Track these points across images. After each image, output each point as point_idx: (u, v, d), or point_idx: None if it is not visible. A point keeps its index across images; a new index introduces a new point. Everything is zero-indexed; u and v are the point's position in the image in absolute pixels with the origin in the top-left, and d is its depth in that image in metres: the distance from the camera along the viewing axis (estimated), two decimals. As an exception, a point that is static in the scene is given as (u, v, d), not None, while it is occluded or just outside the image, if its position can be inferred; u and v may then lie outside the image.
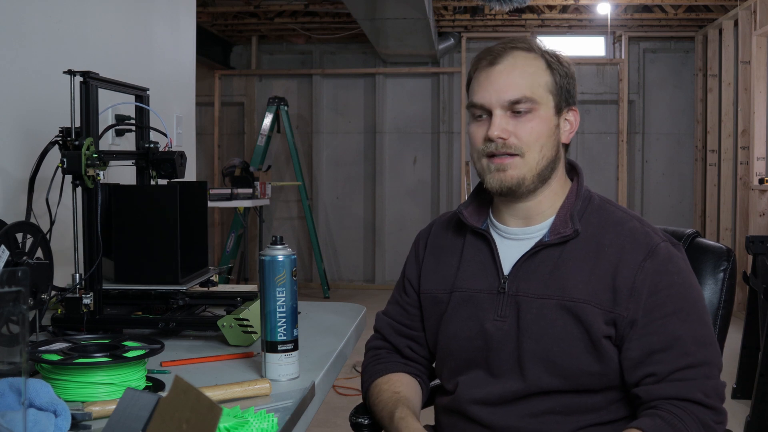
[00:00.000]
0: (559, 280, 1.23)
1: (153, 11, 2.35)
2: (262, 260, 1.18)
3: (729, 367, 1.53)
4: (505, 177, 1.26)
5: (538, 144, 1.25)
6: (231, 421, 0.93)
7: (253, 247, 7.06)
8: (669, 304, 1.19)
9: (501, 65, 1.26)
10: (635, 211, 1.34)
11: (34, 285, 1.25)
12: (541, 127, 1.26)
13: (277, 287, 1.17)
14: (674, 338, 1.17)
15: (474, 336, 1.29)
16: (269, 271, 1.17)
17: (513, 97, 1.24)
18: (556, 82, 1.28)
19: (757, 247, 3.50)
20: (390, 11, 5.17)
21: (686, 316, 1.19)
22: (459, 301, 1.32)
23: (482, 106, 1.27)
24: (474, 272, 1.32)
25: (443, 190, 7.21)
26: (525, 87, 1.25)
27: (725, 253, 1.41)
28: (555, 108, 1.27)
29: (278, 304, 1.17)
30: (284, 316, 1.18)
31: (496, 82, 1.25)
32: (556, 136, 1.28)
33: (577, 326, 1.21)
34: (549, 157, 1.27)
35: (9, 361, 0.80)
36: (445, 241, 1.39)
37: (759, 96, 5.43)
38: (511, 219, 1.32)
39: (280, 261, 1.17)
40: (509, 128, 1.25)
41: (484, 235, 1.33)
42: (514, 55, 1.27)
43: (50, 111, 1.63)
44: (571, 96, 1.30)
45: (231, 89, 7.42)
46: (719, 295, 1.40)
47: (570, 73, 1.30)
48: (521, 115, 1.25)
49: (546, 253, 1.26)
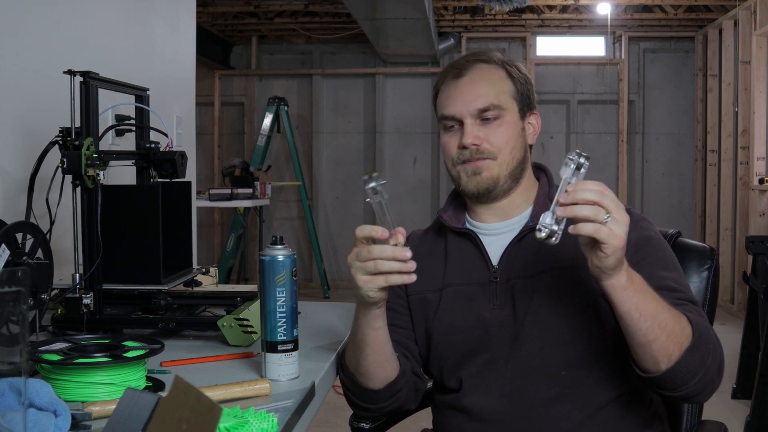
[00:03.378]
0: (546, 256, 1.29)
1: (153, 11, 2.35)
2: (262, 260, 1.18)
3: (729, 367, 1.52)
4: (481, 179, 1.34)
5: (508, 146, 1.34)
6: (231, 421, 0.93)
7: (253, 247, 7.06)
8: (653, 254, 1.26)
9: (467, 77, 1.35)
10: None
11: (34, 285, 1.25)
12: (510, 131, 1.34)
13: (277, 287, 1.17)
14: (662, 279, 1.22)
15: (472, 326, 1.32)
16: (269, 271, 1.17)
17: (481, 106, 1.33)
18: (517, 89, 1.36)
19: (757, 247, 3.50)
20: (390, 11, 5.16)
21: (668, 266, 1.26)
22: (452, 296, 1.35)
23: (453, 117, 1.35)
24: (463, 267, 1.36)
25: (443, 190, 7.20)
26: (491, 95, 1.33)
27: (708, 251, 1.47)
28: (519, 113, 1.36)
29: (278, 304, 1.17)
30: (284, 316, 1.18)
31: (464, 93, 1.34)
32: (523, 139, 1.37)
33: (572, 292, 1.26)
34: (518, 158, 1.35)
35: (9, 361, 0.80)
36: (426, 247, 1.42)
37: (759, 96, 5.43)
38: (489, 217, 1.39)
39: (280, 261, 1.18)
40: (480, 135, 1.33)
41: (466, 233, 1.38)
42: (478, 66, 1.37)
43: (50, 111, 1.63)
44: (531, 101, 1.39)
45: (231, 89, 7.42)
46: (704, 293, 1.45)
47: (528, 80, 1.39)
48: (490, 122, 1.33)
49: (531, 237, 1.29)
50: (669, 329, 1.11)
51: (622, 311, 1.11)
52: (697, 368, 1.13)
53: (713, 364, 1.15)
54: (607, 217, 1.03)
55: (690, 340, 1.13)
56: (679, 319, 1.14)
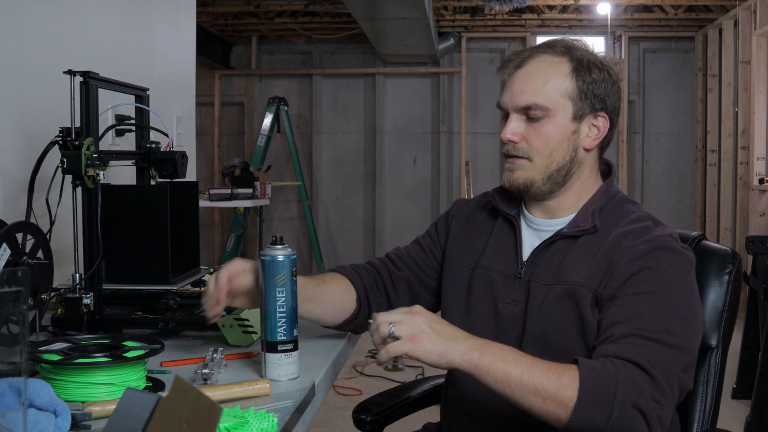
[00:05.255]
0: (565, 267, 1.26)
1: (153, 11, 2.35)
2: (262, 260, 1.18)
3: (729, 367, 1.51)
4: (513, 177, 1.31)
5: (546, 150, 1.28)
6: (231, 421, 0.93)
7: (253, 247, 7.06)
8: (645, 285, 1.17)
9: (522, 70, 1.30)
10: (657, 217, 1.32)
11: (34, 285, 1.25)
12: (553, 134, 1.28)
13: (277, 287, 1.17)
14: (637, 314, 1.14)
15: (487, 315, 1.33)
16: (269, 271, 1.17)
17: (524, 104, 1.28)
18: (578, 88, 1.28)
19: (757, 247, 3.50)
20: (390, 11, 5.16)
21: (659, 302, 1.16)
22: (478, 279, 1.36)
23: (502, 108, 1.32)
24: (497, 253, 1.36)
25: (443, 190, 7.21)
26: (537, 94, 1.27)
27: (730, 255, 1.40)
28: (573, 114, 1.28)
29: (278, 304, 1.17)
30: (284, 316, 1.17)
31: (515, 86, 1.30)
32: (571, 142, 1.29)
33: (574, 311, 1.23)
34: (560, 162, 1.29)
35: (9, 361, 0.80)
36: (479, 219, 1.43)
37: (759, 96, 5.43)
38: (537, 211, 1.36)
39: (280, 261, 1.17)
40: (522, 132, 1.29)
41: (511, 220, 1.37)
42: (539, 59, 1.30)
43: (50, 111, 1.63)
44: (600, 101, 1.29)
45: (231, 89, 7.42)
46: (724, 298, 1.38)
47: (601, 78, 1.29)
48: (535, 120, 1.28)
49: (561, 244, 1.29)
50: (544, 393, 1.07)
51: (485, 384, 1.10)
52: (599, 420, 1.05)
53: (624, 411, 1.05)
54: (390, 327, 1.10)
55: (574, 400, 1.06)
56: (560, 378, 1.08)
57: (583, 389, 1.06)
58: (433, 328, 1.11)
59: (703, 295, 1.38)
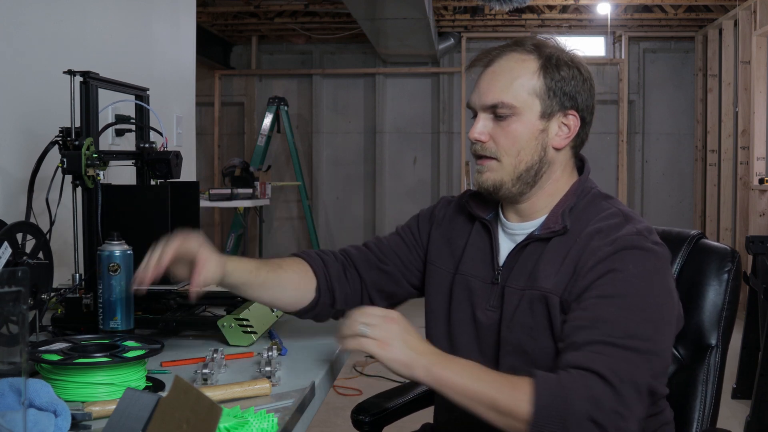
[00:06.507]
0: (537, 271, 1.23)
1: (153, 11, 2.35)
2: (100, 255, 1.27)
3: (729, 367, 1.51)
4: (483, 179, 1.28)
5: (514, 149, 1.25)
6: (231, 421, 0.93)
7: (254, 248, 7.06)
8: (610, 288, 1.14)
9: (490, 68, 1.27)
10: (635, 211, 1.30)
11: (34, 285, 1.25)
12: (520, 132, 1.25)
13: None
14: (601, 319, 1.11)
15: (467, 322, 1.31)
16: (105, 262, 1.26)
17: (491, 102, 1.25)
18: (546, 86, 1.24)
19: (757, 247, 3.50)
20: (390, 11, 5.16)
21: (624, 306, 1.12)
22: (459, 285, 1.34)
23: (471, 107, 1.30)
24: (474, 259, 1.34)
25: (443, 190, 7.21)
26: (504, 92, 1.24)
27: (729, 254, 1.39)
28: (541, 113, 1.25)
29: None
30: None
31: (481, 86, 1.27)
32: (540, 141, 1.25)
33: (546, 317, 1.21)
34: (529, 162, 1.26)
35: (9, 361, 0.80)
36: (458, 222, 1.40)
37: (759, 96, 5.43)
38: (511, 215, 1.33)
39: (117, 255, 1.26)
40: (490, 131, 1.26)
41: (487, 225, 1.34)
42: (507, 57, 1.26)
43: (50, 111, 1.63)
44: (570, 99, 1.26)
45: (231, 89, 7.42)
46: (723, 297, 1.37)
47: (570, 76, 1.26)
48: (503, 119, 1.25)
49: (533, 247, 1.26)
50: (500, 408, 1.08)
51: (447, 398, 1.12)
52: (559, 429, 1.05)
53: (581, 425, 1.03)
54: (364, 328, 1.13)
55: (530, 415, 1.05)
56: (514, 393, 1.07)
57: (537, 404, 1.05)
58: (404, 339, 1.13)
59: (703, 294, 1.38)
